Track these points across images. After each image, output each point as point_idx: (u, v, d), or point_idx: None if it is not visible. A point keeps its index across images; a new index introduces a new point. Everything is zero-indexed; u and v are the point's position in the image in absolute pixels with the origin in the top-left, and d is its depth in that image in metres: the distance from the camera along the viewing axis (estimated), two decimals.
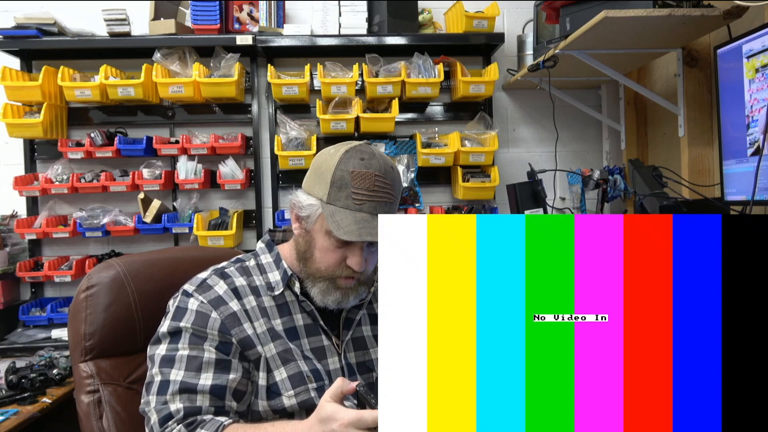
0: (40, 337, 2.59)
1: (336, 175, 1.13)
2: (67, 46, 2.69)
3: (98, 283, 1.34)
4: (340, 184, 1.13)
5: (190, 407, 1.10)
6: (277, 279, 1.23)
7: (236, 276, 1.23)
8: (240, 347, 1.16)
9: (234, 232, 2.68)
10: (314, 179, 1.17)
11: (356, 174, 1.12)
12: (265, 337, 1.18)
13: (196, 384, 1.11)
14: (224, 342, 1.15)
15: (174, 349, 1.14)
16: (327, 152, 1.18)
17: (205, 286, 1.19)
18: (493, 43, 2.85)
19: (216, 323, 1.15)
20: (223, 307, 1.17)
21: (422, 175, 2.92)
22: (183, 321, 1.15)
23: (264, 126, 2.93)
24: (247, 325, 1.17)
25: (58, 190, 2.71)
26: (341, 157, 1.14)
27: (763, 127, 1.59)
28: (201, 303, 1.17)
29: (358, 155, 1.14)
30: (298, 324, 1.22)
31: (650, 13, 1.76)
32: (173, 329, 1.16)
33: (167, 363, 1.13)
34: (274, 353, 1.18)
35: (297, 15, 2.94)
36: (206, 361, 1.13)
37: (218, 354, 1.14)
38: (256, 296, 1.21)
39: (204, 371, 1.12)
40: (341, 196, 1.13)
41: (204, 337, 1.14)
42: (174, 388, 1.11)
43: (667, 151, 2.53)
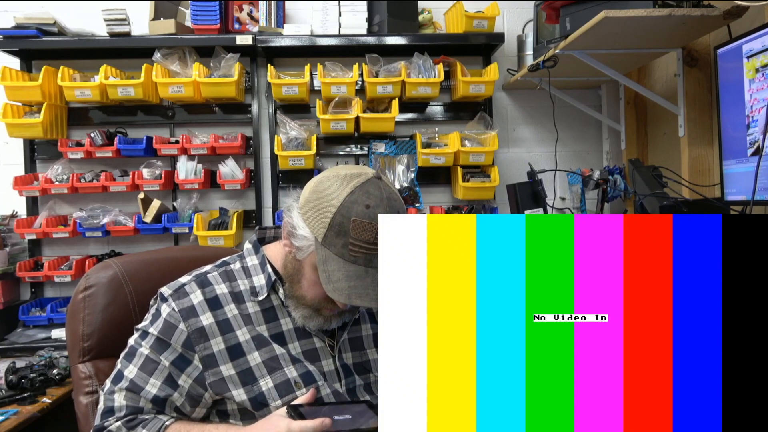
0: (40, 337, 2.59)
1: (336, 219, 1.06)
2: (67, 46, 2.69)
3: (96, 283, 1.34)
4: (339, 230, 1.06)
5: (132, 406, 1.13)
6: (261, 283, 1.20)
7: (218, 283, 1.20)
8: (201, 366, 1.14)
9: (234, 232, 2.68)
10: (313, 211, 1.10)
11: (357, 224, 1.05)
12: (249, 345, 1.16)
13: (142, 389, 1.13)
14: (184, 358, 1.14)
15: (139, 344, 1.17)
16: (331, 183, 1.09)
17: (182, 293, 1.17)
18: (493, 43, 2.85)
19: (182, 336, 1.14)
20: (192, 319, 1.15)
21: (422, 175, 2.91)
22: (152, 327, 1.16)
23: (264, 126, 2.93)
24: (216, 341, 1.15)
25: (58, 190, 2.71)
26: (345, 199, 1.06)
27: (763, 127, 1.59)
28: (172, 311, 1.15)
29: (364, 200, 1.06)
30: (287, 328, 1.20)
31: (650, 13, 1.76)
32: (144, 330, 1.18)
33: (130, 356, 1.17)
34: (259, 362, 1.16)
35: (297, 15, 2.94)
36: (160, 369, 1.14)
37: (172, 368, 1.14)
38: (238, 303, 1.19)
39: (154, 377, 1.14)
40: (337, 243, 1.06)
41: (166, 347, 1.15)
42: (123, 384, 1.14)
43: (667, 151, 2.53)
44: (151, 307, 1.21)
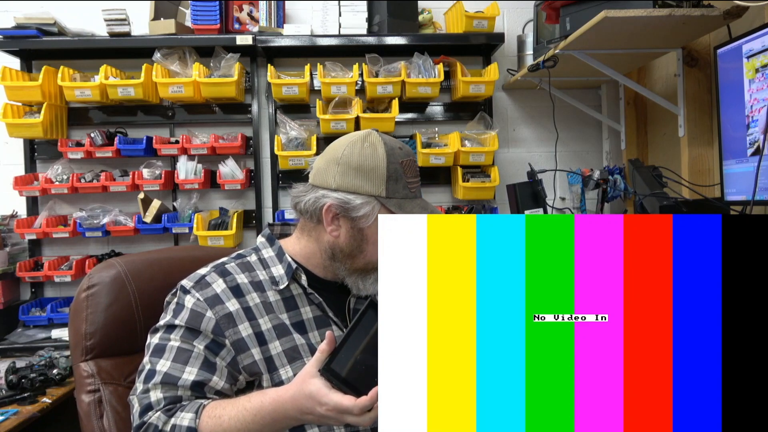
0: (40, 337, 2.59)
1: (390, 169, 1.17)
2: (67, 46, 2.69)
3: (99, 282, 1.34)
4: (396, 177, 1.18)
5: (171, 396, 1.11)
6: (281, 273, 1.22)
7: (237, 273, 1.21)
8: (233, 350, 1.14)
9: (234, 232, 2.68)
10: (360, 177, 1.17)
11: (405, 164, 1.20)
12: (270, 334, 1.17)
13: (179, 378, 1.11)
14: (216, 342, 1.14)
15: (166, 339, 1.15)
16: (357, 149, 1.18)
17: (203, 283, 1.18)
18: (493, 43, 2.85)
19: (210, 323, 1.14)
20: (219, 306, 1.16)
21: (422, 175, 2.85)
22: (178, 318, 1.15)
23: (264, 126, 2.93)
24: (244, 326, 1.16)
25: (58, 190, 2.71)
26: (382, 151, 1.18)
27: (763, 127, 1.59)
28: (197, 301, 1.16)
29: (393, 145, 1.20)
30: (307, 317, 1.21)
31: (650, 13, 1.76)
32: (169, 324, 1.16)
33: (157, 353, 1.14)
34: (280, 351, 1.17)
35: (297, 15, 2.94)
36: (195, 356, 1.13)
37: (207, 352, 1.13)
38: (260, 292, 1.20)
39: (190, 365, 1.12)
40: (399, 188, 1.18)
41: (197, 334, 1.14)
42: (157, 379, 1.11)
43: (667, 151, 2.53)
44: (169, 303, 1.20)
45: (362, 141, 1.19)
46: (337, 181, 1.18)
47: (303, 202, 1.21)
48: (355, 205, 1.16)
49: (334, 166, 1.19)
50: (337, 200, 1.17)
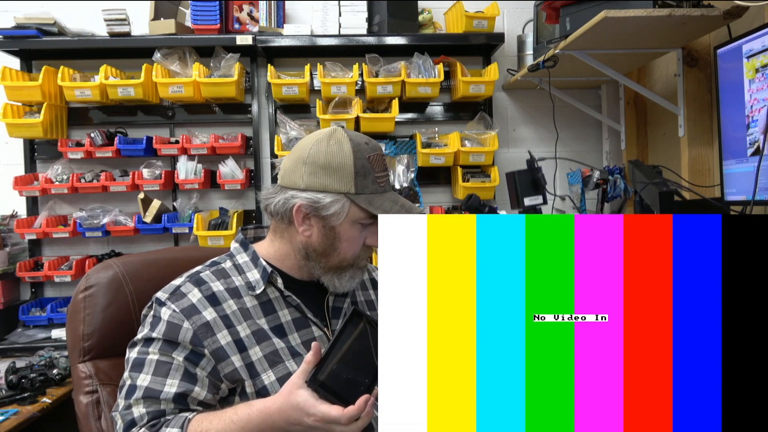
0: (40, 337, 2.59)
1: (357, 165, 1.16)
2: (67, 46, 2.69)
3: (96, 283, 1.34)
4: (363, 173, 1.17)
5: (154, 411, 1.10)
6: (256, 278, 1.21)
7: (212, 281, 1.20)
8: (213, 359, 1.13)
9: (234, 232, 2.68)
10: (328, 176, 1.16)
11: (373, 158, 1.18)
12: (250, 340, 1.16)
13: (161, 391, 1.10)
14: (195, 353, 1.13)
15: (145, 353, 1.14)
16: (323, 147, 1.17)
17: (179, 294, 1.17)
18: (493, 43, 2.85)
19: (188, 334, 1.13)
20: (195, 316, 1.14)
21: (422, 175, 2.91)
22: (155, 331, 1.14)
23: (264, 126, 2.93)
24: (222, 334, 1.14)
25: (58, 190, 2.71)
26: (349, 147, 1.17)
27: (763, 127, 1.59)
28: (173, 312, 1.14)
29: (359, 140, 1.19)
30: (285, 320, 1.21)
31: (650, 13, 1.76)
32: (146, 337, 1.15)
33: (137, 367, 1.13)
34: (260, 356, 1.16)
35: (297, 15, 2.94)
36: (174, 368, 1.12)
37: (187, 364, 1.12)
38: (237, 299, 1.19)
39: (171, 377, 1.11)
40: (368, 183, 1.17)
41: (175, 346, 1.13)
42: (138, 394, 1.10)
43: (667, 151, 2.53)
44: (146, 316, 1.18)
45: (328, 139, 1.18)
46: (305, 181, 1.17)
47: (273, 204, 1.20)
48: (324, 203, 1.16)
49: (302, 165, 1.18)
50: (307, 200, 1.16)
